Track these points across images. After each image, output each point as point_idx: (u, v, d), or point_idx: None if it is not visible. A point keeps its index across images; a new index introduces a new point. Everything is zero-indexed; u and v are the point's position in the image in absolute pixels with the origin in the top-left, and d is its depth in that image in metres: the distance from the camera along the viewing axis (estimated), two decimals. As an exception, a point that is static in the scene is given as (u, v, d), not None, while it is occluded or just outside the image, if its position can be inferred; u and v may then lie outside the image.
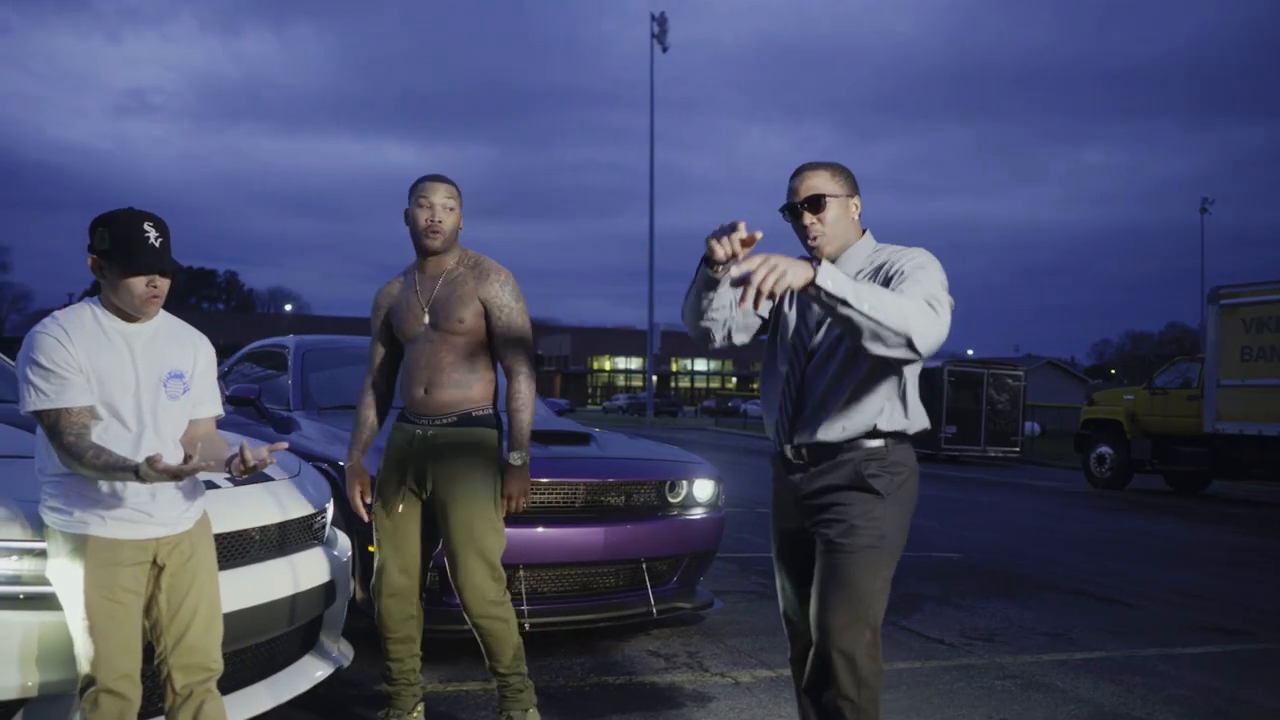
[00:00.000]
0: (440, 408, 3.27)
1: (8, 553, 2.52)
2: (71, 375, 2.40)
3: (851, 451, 2.54)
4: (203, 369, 2.66)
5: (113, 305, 2.50)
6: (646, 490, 4.93)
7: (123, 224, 2.44)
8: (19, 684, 2.47)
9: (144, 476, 2.29)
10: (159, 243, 2.46)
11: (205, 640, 2.55)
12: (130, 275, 2.43)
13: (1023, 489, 16.28)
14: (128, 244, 2.42)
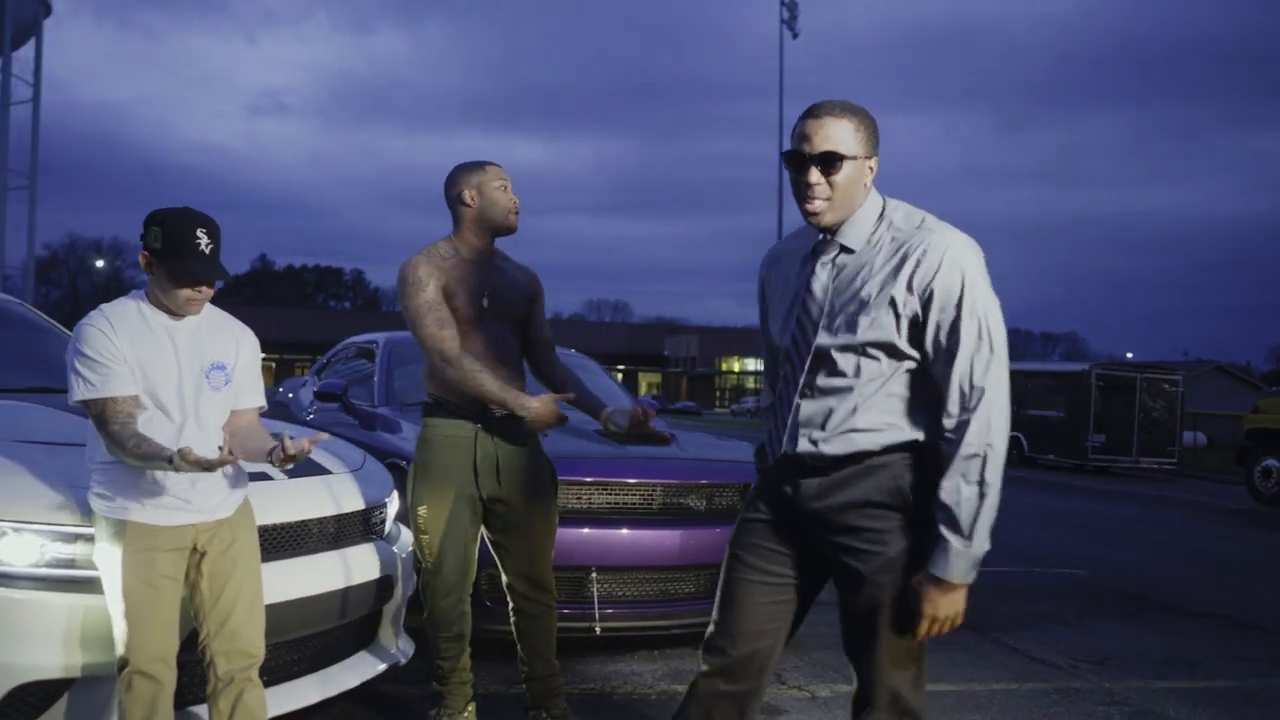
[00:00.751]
0: None
1: (57, 537, 2.69)
2: (116, 365, 2.55)
3: (885, 459, 2.22)
4: (245, 361, 2.79)
5: (158, 300, 2.64)
6: (728, 493, 4.91)
7: (175, 226, 2.56)
8: (64, 664, 2.64)
9: (177, 466, 2.41)
10: (209, 250, 2.58)
11: (247, 626, 2.67)
12: (179, 285, 2.57)
13: (1176, 504, 15.54)
14: (179, 249, 2.55)
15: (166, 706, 2.56)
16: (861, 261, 2.21)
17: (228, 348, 2.75)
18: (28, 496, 2.71)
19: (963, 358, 2.13)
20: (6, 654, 2.58)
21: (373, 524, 3.60)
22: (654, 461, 4.81)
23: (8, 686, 2.58)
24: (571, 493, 4.49)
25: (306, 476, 3.39)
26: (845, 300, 2.21)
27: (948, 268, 2.14)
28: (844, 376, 2.21)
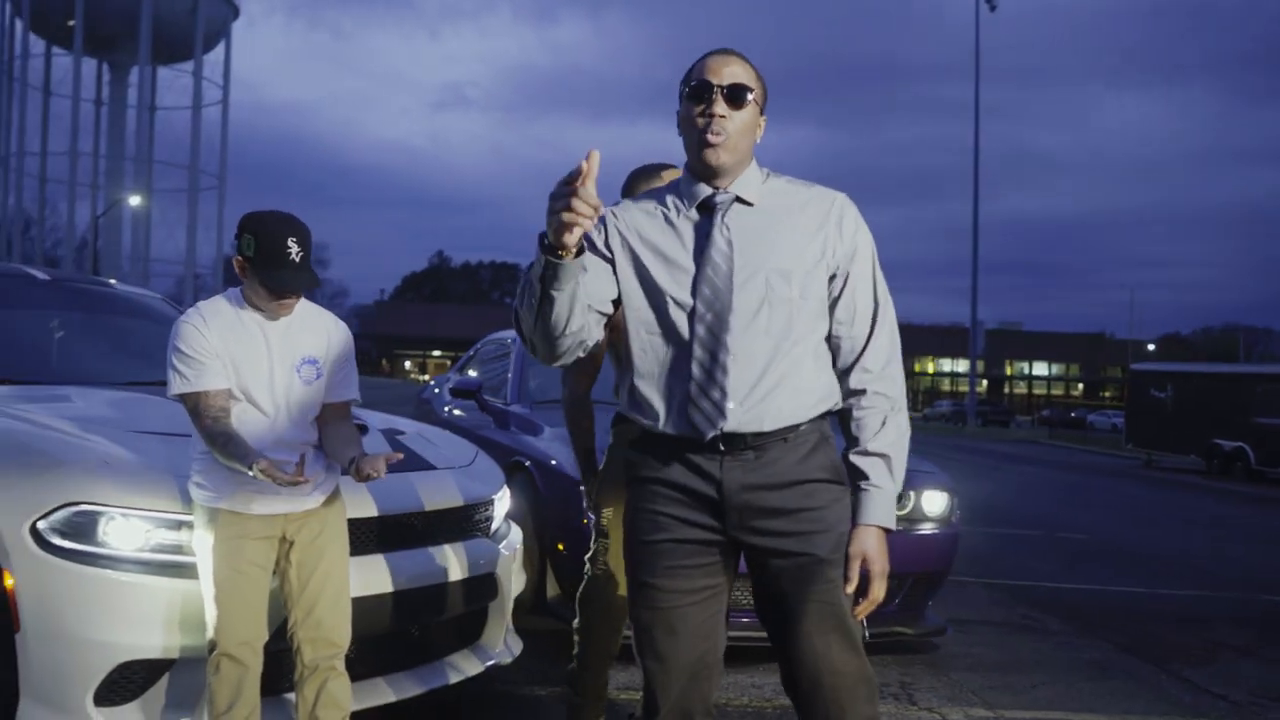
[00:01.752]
0: None
1: (161, 523, 2.94)
2: (208, 360, 2.77)
3: (809, 432, 2.20)
4: (336, 354, 2.97)
5: (250, 298, 2.85)
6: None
7: (268, 234, 2.76)
8: (164, 645, 2.88)
9: (254, 473, 2.63)
10: (300, 258, 2.77)
11: (332, 616, 2.86)
12: (271, 296, 2.79)
13: None
14: (270, 259, 2.75)
15: (252, 690, 2.77)
16: (766, 217, 2.23)
17: (319, 341, 2.94)
18: (136, 484, 2.97)
19: (881, 314, 2.29)
20: (111, 632, 2.84)
21: (477, 521, 3.76)
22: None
23: (113, 663, 2.84)
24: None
25: (409, 471, 3.57)
26: (764, 254, 2.20)
27: (863, 226, 2.29)
28: (770, 337, 2.17)
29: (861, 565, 2.18)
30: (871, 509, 2.20)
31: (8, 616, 2.88)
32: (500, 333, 7.27)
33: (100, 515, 2.90)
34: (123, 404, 3.68)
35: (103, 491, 2.92)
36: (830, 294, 2.25)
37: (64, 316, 4.58)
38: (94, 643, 2.83)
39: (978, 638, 5.53)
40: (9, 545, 2.87)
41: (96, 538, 2.89)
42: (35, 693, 2.84)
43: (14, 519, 2.89)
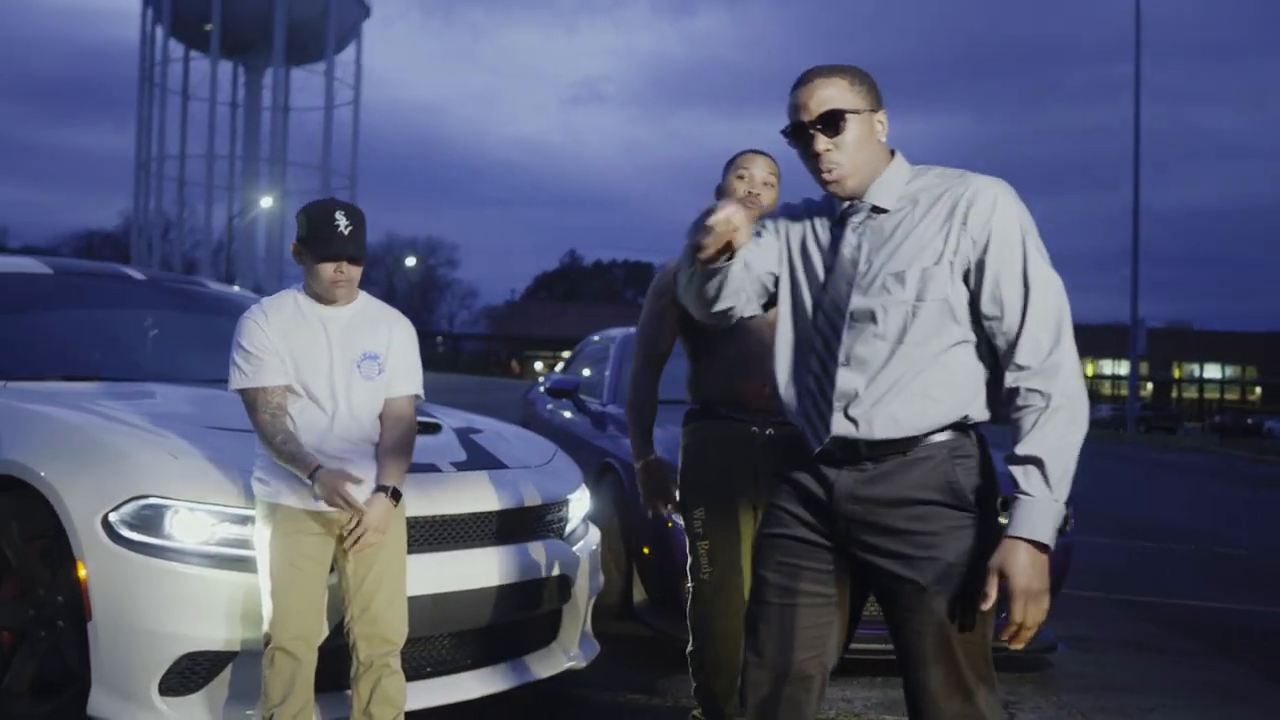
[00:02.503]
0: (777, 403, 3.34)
1: (226, 518, 3.11)
2: (267, 356, 2.92)
3: (931, 446, 2.15)
4: (398, 349, 3.09)
5: (312, 290, 2.99)
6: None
7: (317, 212, 2.96)
8: (226, 638, 3.04)
9: (314, 482, 2.79)
10: (348, 231, 2.92)
11: (387, 612, 2.97)
12: (319, 261, 2.91)
13: None
14: (319, 231, 2.92)
15: (305, 684, 2.89)
16: (898, 219, 2.19)
17: (378, 336, 3.06)
18: (204, 479, 3.14)
19: (1034, 301, 2.12)
20: (176, 624, 3.01)
21: (549, 521, 3.83)
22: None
23: (177, 654, 3.01)
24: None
25: (479, 470, 3.67)
26: (885, 258, 2.17)
27: (1003, 210, 2.14)
28: (886, 341, 2.15)
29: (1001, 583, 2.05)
30: (1017, 520, 2.06)
31: (81, 605, 3.07)
32: (605, 331, 7.36)
33: (167, 509, 3.07)
34: (202, 400, 3.88)
35: (170, 485, 3.10)
36: (970, 291, 2.16)
37: (158, 316, 4.85)
38: (159, 633, 3.00)
39: (1096, 656, 5.37)
40: (82, 536, 3.07)
41: (163, 530, 3.07)
42: (105, 681, 3.03)
43: (87, 511, 3.09)
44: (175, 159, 62.33)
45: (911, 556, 2.14)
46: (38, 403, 3.62)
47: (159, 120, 61.62)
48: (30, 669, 3.25)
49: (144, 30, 60.97)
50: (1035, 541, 2.04)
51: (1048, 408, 2.08)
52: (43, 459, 3.26)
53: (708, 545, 3.26)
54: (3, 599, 3.34)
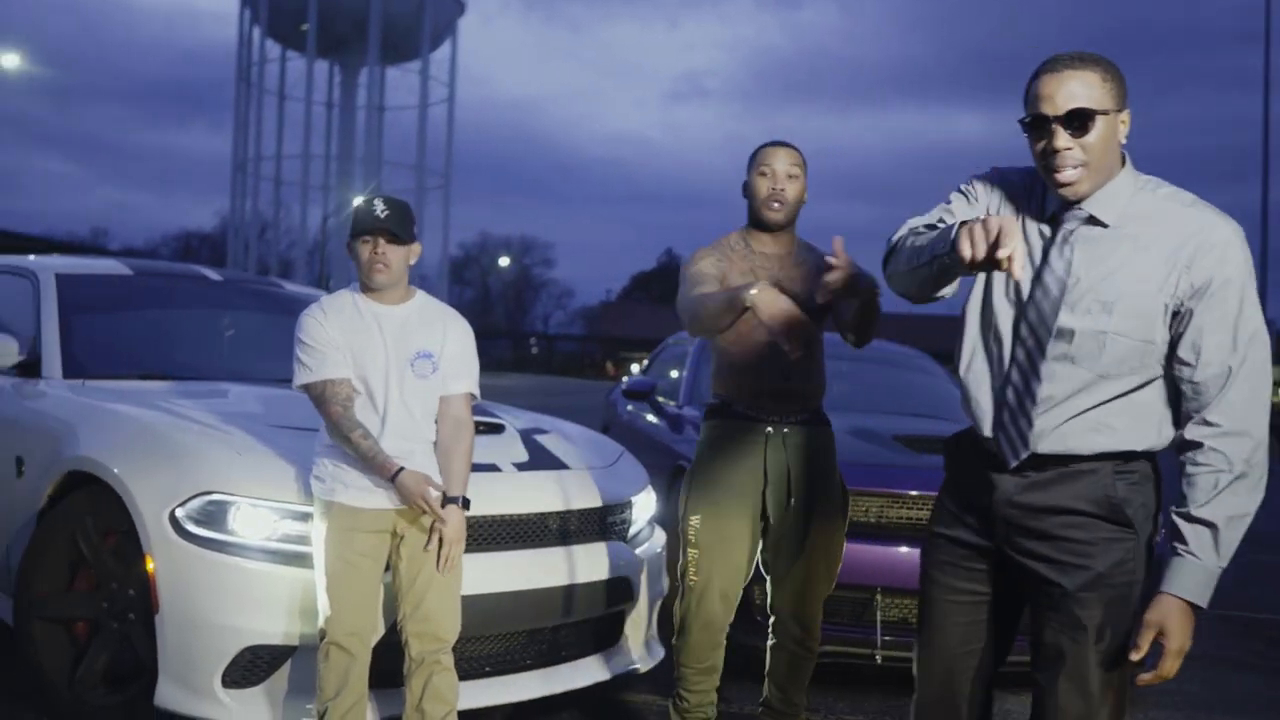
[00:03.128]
0: (798, 402, 3.36)
1: (286, 514, 3.26)
2: (329, 350, 3.05)
3: (1094, 464, 2.18)
4: (454, 348, 3.19)
5: (365, 285, 3.12)
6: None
7: (362, 203, 3.12)
8: (286, 632, 3.19)
9: (397, 482, 2.94)
10: (385, 215, 3.06)
11: (439, 610, 3.07)
12: (356, 238, 3.06)
13: None
14: (358, 215, 3.09)
15: (359, 679, 3.02)
16: (1117, 240, 2.15)
17: (433, 335, 3.17)
18: (266, 476, 3.30)
19: (1240, 363, 2.11)
20: (238, 617, 3.16)
21: (612, 523, 3.92)
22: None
23: (239, 647, 3.16)
24: (859, 505, 4.55)
25: (540, 470, 3.77)
26: (1097, 279, 2.15)
27: (1232, 259, 2.10)
28: (1078, 366, 2.16)
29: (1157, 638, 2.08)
30: (1178, 577, 2.09)
31: (149, 598, 3.25)
32: (683, 332, 7.42)
33: (230, 504, 3.23)
34: (270, 399, 4.05)
35: (233, 482, 3.26)
36: (1173, 331, 2.13)
37: (233, 316, 5.06)
38: (222, 626, 3.16)
39: (1189, 674, 5.24)
40: (151, 531, 3.25)
41: (227, 526, 3.23)
42: (171, 672, 3.20)
43: (155, 506, 3.26)
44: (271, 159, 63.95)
45: (1062, 562, 2.19)
46: (113, 401, 3.82)
47: (256, 121, 63.33)
48: (103, 660, 3.44)
49: (241, 31, 62.73)
50: (1194, 603, 2.09)
51: (1232, 473, 2.09)
52: (116, 455, 3.45)
53: (696, 554, 3.34)
54: (78, 592, 3.54)
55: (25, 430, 3.97)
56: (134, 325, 4.79)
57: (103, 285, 4.77)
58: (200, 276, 5.16)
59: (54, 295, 4.40)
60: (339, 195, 59.28)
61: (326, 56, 62.88)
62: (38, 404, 4.03)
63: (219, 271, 5.23)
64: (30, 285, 4.53)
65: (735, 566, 3.34)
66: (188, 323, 4.94)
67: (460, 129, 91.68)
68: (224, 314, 5.02)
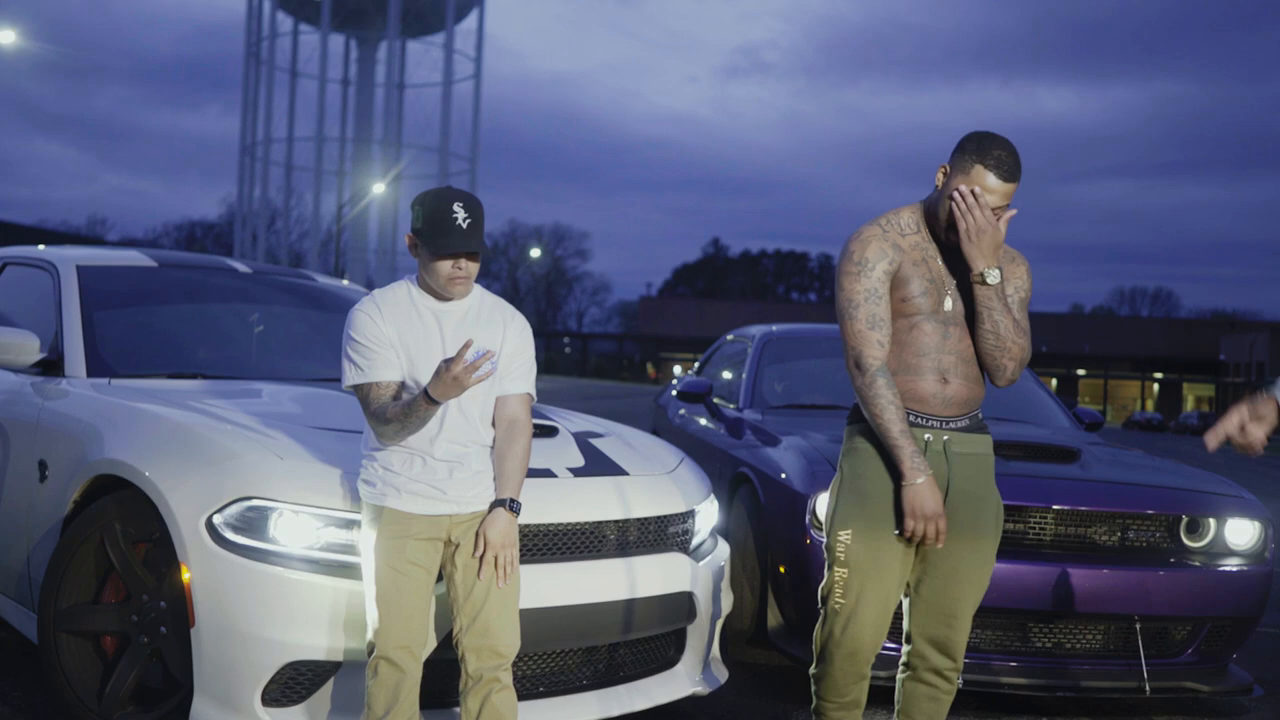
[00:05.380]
0: (959, 406, 3.33)
1: (330, 521, 3.35)
2: (382, 350, 3.14)
3: None
4: (513, 347, 3.28)
5: (425, 283, 3.20)
6: (1148, 526, 4.80)
7: (435, 204, 3.14)
8: (329, 647, 3.28)
9: (433, 392, 2.97)
10: (467, 224, 3.12)
11: (498, 623, 3.15)
12: (437, 258, 3.12)
13: None
14: (436, 225, 3.11)
15: (410, 696, 3.10)
16: None
17: (494, 334, 3.25)
18: (309, 480, 3.39)
19: None
20: (279, 630, 3.26)
21: (672, 533, 3.99)
22: (1048, 482, 4.80)
23: (280, 662, 3.26)
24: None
25: (598, 476, 3.85)
26: None
27: None
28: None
29: None
30: None
31: (184, 611, 3.35)
32: (742, 329, 7.50)
33: (271, 511, 3.33)
34: (309, 400, 4.15)
35: (274, 487, 3.35)
36: None
37: (264, 311, 5.18)
38: (263, 640, 3.25)
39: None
40: (186, 539, 3.35)
41: (268, 533, 3.33)
42: (208, 689, 3.30)
43: (191, 512, 3.37)
44: (282, 142, 64.57)
45: None
46: (142, 400, 3.93)
47: (266, 101, 63.95)
48: (133, 676, 3.54)
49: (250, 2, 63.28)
50: None
51: None
52: (147, 458, 3.56)
53: (845, 574, 3.30)
54: (106, 603, 3.65)
55: (48, 432, 4.09)
56: (160, 321, 4.91)
57: (126, 278, 4.89)
58: (228, 268, 5.28)
59: (75, 289, 4.53)
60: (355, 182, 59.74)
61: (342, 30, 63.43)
62: (61, 404, 4.15)
63: (247, 263, 5.35)
64: (50, 278, 4.65)
65: (888, 589, 3.30)
66: (216, 318, 5.06)
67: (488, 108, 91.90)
68: (253, 309, 5.14)
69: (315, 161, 63.08)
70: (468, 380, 2.97)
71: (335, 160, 63.97)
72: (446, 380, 2.96)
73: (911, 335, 3.31)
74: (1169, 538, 4.81)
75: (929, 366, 3.30)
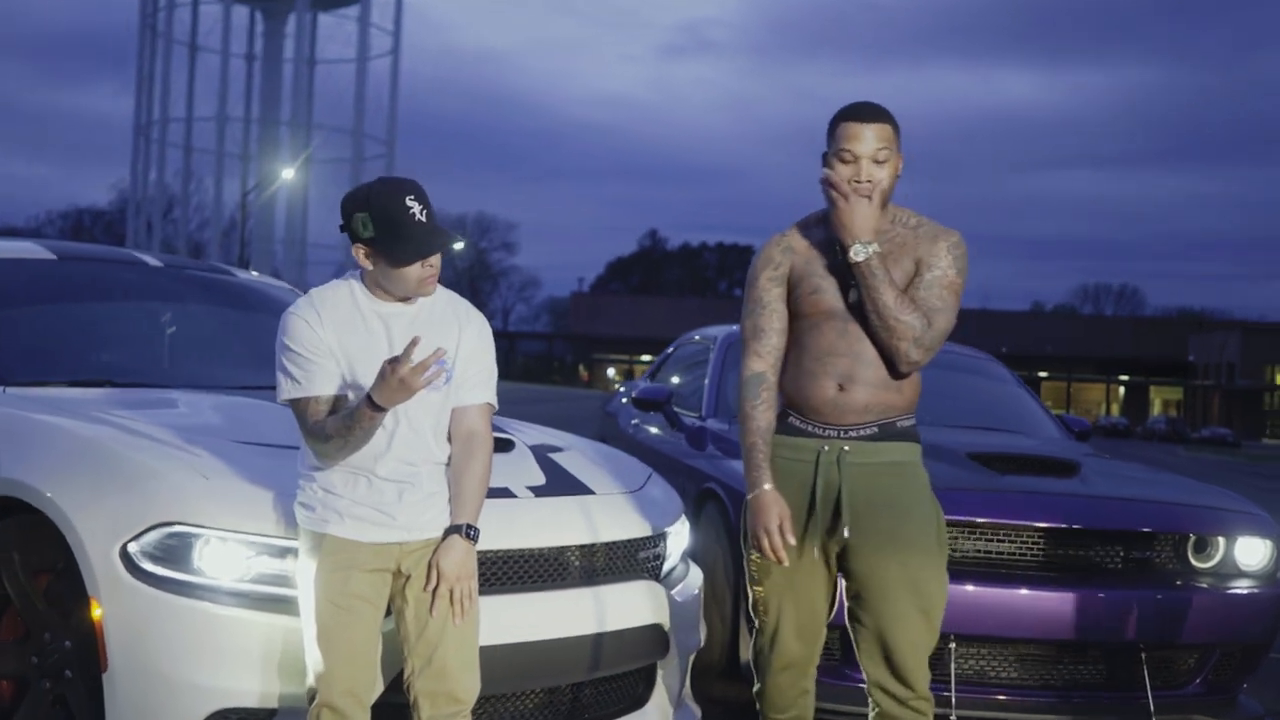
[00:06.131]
0: (858, 414, 3.36)
1: (264, 550, 3.20)
2: (320, 360, 2.99)
3: None
4: (469, 350, 3.14)
5: (377, 285, 3.05)
6: (1153, 545, 4.79)
7: (383, 205, 2.96)
8: (262, 692, 3.14)
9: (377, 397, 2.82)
10: (425, 215, 2.97)
11: (455, 665, 3.02)
12: (405, 265, 2.97)
13: None
14: (393, 229, 2.94)
15: (357, 749, 2.97)
16: None
17: (448, 335, 3.11)
18: (237, 503, 3.24)
19: None
20: (204, 675, 3.11)
21: (643, 559, 3.89)
22: (1043, 498, 4.76)
23: (205, 711, 3.11)
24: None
25: (561, 495, 3.74)
26: None
27: None
28: None
29: None
30: None
31: (93, 652, 3.19)
32: (704, 330, 7.41)
33: (196, 538, 3.18)
34: (233, 410, 4.01)
35: (199, 510, 3.20)
36: None
37: (178, 310, 5.01)
38: (186, 685, 3.11)
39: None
40: (97, 570, 3.18)
41: (192, 564, 3.17)
42: (123, 741, 3.13)
43: (103, 540, 3.20)
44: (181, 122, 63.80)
45: None
46: (42, 412, 3.76)
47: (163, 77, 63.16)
48: (33, 726, 3.38)
49: (146, -31, 62.40)
50: None
51: None
52: (50, 478, 3.39)
53: (762, 591, 3.42)
54: (2, 642, 3.47)
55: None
56: (60, 321, 4.72)
57: (20, 272, 4.70)
58: (137, 262, 5.10)
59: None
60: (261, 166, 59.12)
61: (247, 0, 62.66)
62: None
63: (159, 256, 5.17)
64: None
65: (810, 601, 3.40)
66: (124, 318, 4.89)
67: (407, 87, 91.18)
68: (166, 307, 4.97)
69: (217, 144, 62.34)
70: (416, 382, 2.81)
71: (239, 142, 63.30)
72: (392, 383, 2.79)
73: (810, 337, 3.38)
74: (1175, 558, 4.78)
75: (824, 371, 3.35)
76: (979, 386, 6.56)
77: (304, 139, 61.56)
